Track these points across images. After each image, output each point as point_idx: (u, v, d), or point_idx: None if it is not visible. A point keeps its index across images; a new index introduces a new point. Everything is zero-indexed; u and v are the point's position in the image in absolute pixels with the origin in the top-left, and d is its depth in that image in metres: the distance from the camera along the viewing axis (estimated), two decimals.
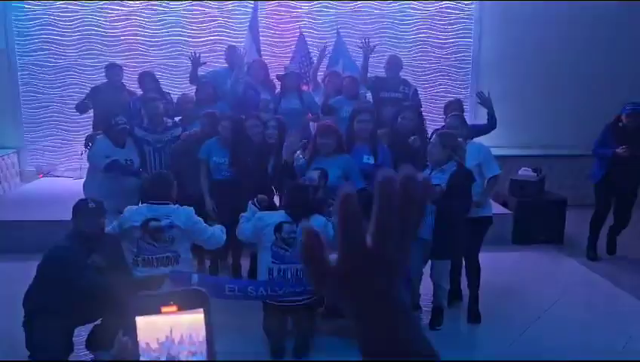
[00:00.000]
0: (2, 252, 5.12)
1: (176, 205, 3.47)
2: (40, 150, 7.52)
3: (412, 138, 4.15)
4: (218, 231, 3.53)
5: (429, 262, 3.79)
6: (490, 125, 4.64)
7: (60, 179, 7.34)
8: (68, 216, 5.26)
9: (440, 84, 7.61)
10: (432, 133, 4.04)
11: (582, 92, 7.27)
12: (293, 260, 3.41)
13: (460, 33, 7.52)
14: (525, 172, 5.87)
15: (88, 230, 3.08)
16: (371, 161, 3.97)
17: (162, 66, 7.16)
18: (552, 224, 5.66)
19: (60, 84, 7.36)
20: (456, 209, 3.50)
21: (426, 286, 3.92)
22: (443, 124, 4.76)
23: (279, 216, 3.52)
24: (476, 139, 4.24)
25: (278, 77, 5.40)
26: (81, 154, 7.16)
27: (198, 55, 5.33)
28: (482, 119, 5.05)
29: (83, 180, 6.81)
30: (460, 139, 3.76)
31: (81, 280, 2.90)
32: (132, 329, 0.69)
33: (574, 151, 6.86)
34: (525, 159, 6.42)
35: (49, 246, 3.08)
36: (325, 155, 3.91)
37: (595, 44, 7.24)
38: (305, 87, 5.58)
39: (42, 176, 7.44)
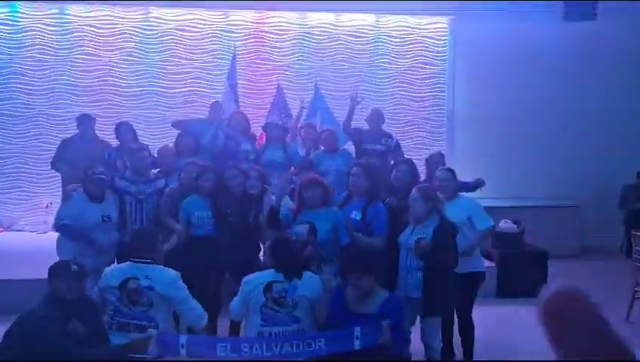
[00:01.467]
0: None
1: (161, 266, 3.23)
2: (2, 202, 7.14)
3: (387, 200, 4.07)
4: (197, 307, 3.25)
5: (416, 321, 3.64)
6: (476, 185, 4.64)
7: (23, 233, 6.95)
8: (32, 273, 5.00)
9: (416, 137, 7.69)
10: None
11: (556, 142, 7.48)
12: (285, 321, 3.21)
13: (434, 87, 7.69)
14: (506, 224, 5.89)
15: (69, 295, 2.82)
16: (358, 217, 3.84)
17: (136, 117, 6.99)
18: (535, 276, 5.62)
19: (26, 135, 7.09)
20: (445, 263, 3.40)
21: (415, 345, 3.75)
22: (424, 177, 4.74)
23: (268, 274, 3.32)
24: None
25: (263, 128, 5.33)
26: (47, 207, 6.86)
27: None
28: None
29: (47, 234, 6.61)
30: (438, 193, 3.73)
31: (61, 351, 2.62)
32: None
33: (552, 203, 6.98)
34: (503, 210, 6.47)
35: (22, 312, 2.78)
36: (312, 208, 3.79)
37: (569, 93, 7.50)
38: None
39: (3, 230, 7.03)
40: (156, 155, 4.84)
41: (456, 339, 3.97)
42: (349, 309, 3.16)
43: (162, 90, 7.24)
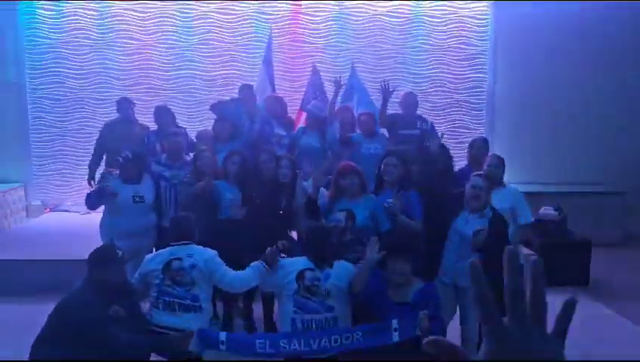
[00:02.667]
0: (7, 294, 4.92)
1: (200, 246, 3.31)
2: (47, 184, 7.41)
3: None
4: (244, 274, 3.30)
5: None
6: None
7: (67, 213, 7.19)
8: (77, 254, 5.15)
9: (454, 120, 7.51)
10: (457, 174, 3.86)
11: (603, 127, 7.17)
12: (318, 309, 3.21)
13: (475, 68, 7.46)
14: (547, 211, 5.70)
15: (112, 280, 2.89)
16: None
17: (174, 100, 7.08)
18: (577, 266, 5.46)
19: (69, 118, 7.29)
20: (501, 255, 3.31)
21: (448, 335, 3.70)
22: (466, 162, 4.62)
23: (301, 262, 3.33)
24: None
25: (305, 110, 5.29)
26: (88, 188, 7.07)
27: None
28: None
29: (90, 215, 6.80)
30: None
31: (102, 335, 2.70)
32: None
33: (597, 189, 6.70)
34: (544, 197, 6.27)
35: (64, 295, 2.87)
36: (350, 197, 3.75)
37: (616, 78, 7.18)
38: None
39: (49, 211, 7.29)
40: (194, 139, 4.89)
41: None
42: (388, 297, 3.14)
43: (199, 73, 7.29)
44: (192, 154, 4.77)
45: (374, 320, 3.12)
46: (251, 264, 3.31)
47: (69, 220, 6.89)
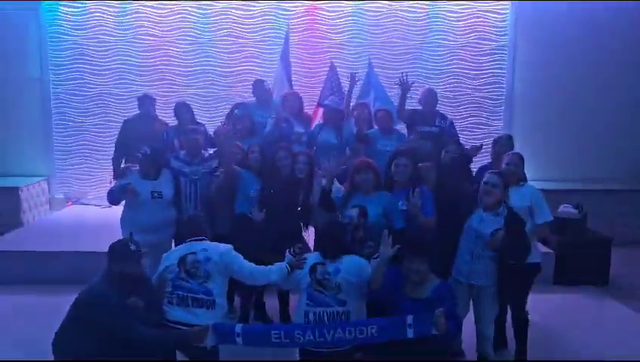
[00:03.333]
0: (30, 283, 5.06)
1: (214, 242, 3.37)
2: (70, 178, 7.55)
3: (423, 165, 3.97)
4: (264, 268, 3.34)
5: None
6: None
7: (89, 207, 7.34)
8: (97, 246, 5.26)
9: (472, 116, 7.46)
10: (479, 171, 3.85)
11: (624, 124, 7.05)
12: (329, 302, 3.23)
13: (494, 64, 7.39)
14: (566, 208, 5.64)
15: (129, 272, 2.97)
16: (405, 207, 3.76)
17: (193, 96, 7.15)
18: (596, 264, 5.39)
19: (91, 113, 7.41)
20: (518, 252, 3.31)
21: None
22: (489, 160, 4.57)
23: (314, 257, 3.37)
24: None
25: (322, 106, 5.31)
26: (110, 182, 7.19)
27: None
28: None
29: (111, 209, 6.90)
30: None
31: (122, 325, 2.77)
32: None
33: (617, 186, 6.59)
34: (564, 194, 6.20)
35: (85, 288, 2.94)
36: (364, 193, 3.77)
37: (635, 71, 7.04)
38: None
39: (71, 204, 7.44)
40: (213, 135, 4.93)
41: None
42: (404, 293, 3.15)
43: (218, 69, 7.35)
44: (210, 150, 4.84)
45: (389, 316, 3.14)
46: (275, 264, 3.36)
47: (90, 213, 7.03)
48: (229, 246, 3.38)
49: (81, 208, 7.31)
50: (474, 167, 4.53)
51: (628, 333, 4.34)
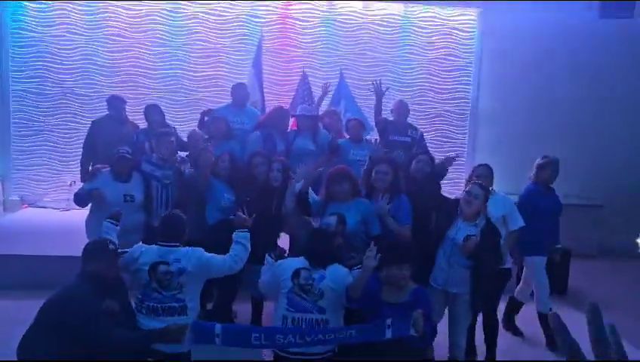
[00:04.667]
0: None
1: (187, 247, 3.27)
2: (26, 179, 7.26)
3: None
4: (231, 258, 3.30)
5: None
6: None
7: (46, 210, 7.06)
8: (54, 250, 5.09)
9: (438, 129, 7.64)
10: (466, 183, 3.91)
11: (581, 140, 7.37)
12: (310, 309, 3.23)
13: (460, 80, 7.61)
14: None
15: (104, 274, 2.86)
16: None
17: (161, 100, 7.01)
18: (556, 274, 5.59)
19: (53, 113, 7.16)
20: (492, 263, 3.41)
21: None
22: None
23: (298, 262, 3.36)
24: None
25: (294, 116, 5.32)
26: (70, 185, 6.95)
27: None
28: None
29: (70, 212, 6.71)
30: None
31: (97, 330, 2.67)
32: None
33: (577, 201, 6.87)
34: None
35: (57, 289, 2.83)
36: (341, 201, 3.79)
37: (597, 90, 7.38)
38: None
39: (27, 207, 7.14)
40: (186, 139, 4.86)
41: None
42: (381, 298, 3.18)
43: (189, 73, 7.26)
44: (183, 154, 4.77)
45: (368, 322, 3.16)
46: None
47: (47, 217, 6.77)
48: (200, 250, 3.28)
49: (38, 211, 7.04)
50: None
51: (583, 337, 4.51)
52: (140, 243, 3.33)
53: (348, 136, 5.25)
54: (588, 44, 7.23)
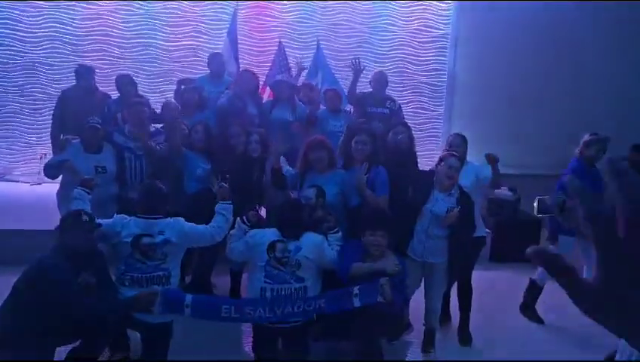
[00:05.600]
0: None
1: (168, 219, 3.25)
2: None
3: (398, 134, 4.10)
4: (212, 229, 3.32)
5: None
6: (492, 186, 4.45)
7: (16, 183, 6.89)
8: (24, 224, 4.99)
9: (415, 101, 7.65)
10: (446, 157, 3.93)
11: (557, 111, 7.46)
12: (288, 279, 3.26)
13: (436, 51, 7.60)
14: (502, 191, 5.95)
15: (80, 246, 2.82)
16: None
17: (133, 70, 6.84)
18: (528, 243, 5.71)
19: (21, 83, 6.92)
20: (467, 231, 3.48)
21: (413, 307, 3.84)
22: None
23: (271, 233, 3.37)
24: None
25: (270, 85, 5.25)
26: (41, 158, 6.77)
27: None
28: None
29: (41, 186, 6.56)
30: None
31: (71, 302, 2.65)
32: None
33: (550, 171, 7.00)
34: (501, 178, 6.50)
35: (32, 261, 2.78)
36: (319, 171, 3.79)
37: (571, 63, 7.46)
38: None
39: None
40: (159, 111, 4.77)
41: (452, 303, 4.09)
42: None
43: (160, 42, 7.07)
44: (156, 126, 4.68)
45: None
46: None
47: (18, 190, 6.61)
48: (182, 220, 3.28)
49: (8, 185, 6.85)
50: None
51: (552, 302, 4.64)
52: (121, 215, 3.29)
53: (325, 107, 5.23)
54: (566, 14, 7.25)
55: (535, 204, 1.44)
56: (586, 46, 7.43)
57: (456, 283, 3.96)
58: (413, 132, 4.59)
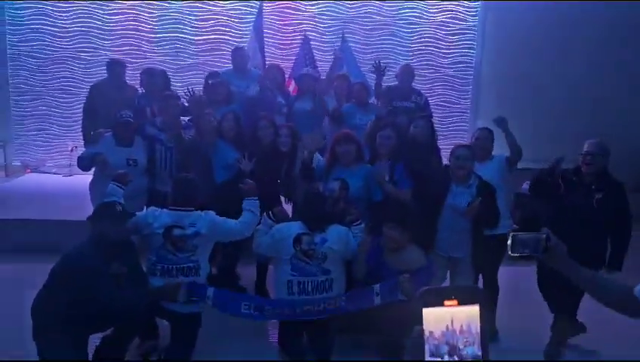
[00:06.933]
0: None
1: (199, 211, 3.31)
2: (28, 144, 7.25)
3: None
4: (241, 225, 3.37)
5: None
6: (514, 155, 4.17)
7: (48, 175, 7.08)
8: (58, 215, 5.12)
9: (441, 94, 7.58)
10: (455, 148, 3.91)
11: (586, 105, 7.31)
12: (315, 272, 3.29)
13: (463, 44, 7.51)
14: (528, 186, 5.86)
15: (113, 236, 2.91)
16: (386, 178, 3.84)
17: (161, 64, 6.93)
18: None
19: (52, 77, 7.09)
20: (491, 220, 3.46)
21: None
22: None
23: (297, 226, 3.40)
24: None
25: (295, 79, 5.27)
26: (71, 150, 6.94)
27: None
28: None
29: (72, 177, 6.73)
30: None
31: (102, 290, 2.73)
32: (419, 319, 0.85)
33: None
34: (527, 172, 6.40)
35: (67, 250, 2.87)
36: (345, 165, 3.80)
37: (601, 57, 7.29)
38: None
39: (30, 172, 7.16)
40: (187, 102, 4.83)
41: None
42: (387, 265, 3.23)
43: (187, 37, 7.15)
44: (184, 119, 4.74)
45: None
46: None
47: (50, 182, 6.80)
48: (213, 213, 3.35)
49: (41, 176, 7.06)
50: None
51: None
52: (153, 207, 3.38)
53: (353, 101, 5.20)
54: (597, 7, 7.07)
55: (509, 242, 1.29)
56: (616, 41, 7.25)
57: (481, 281, 3.92)
58: (435, 125, 4.56)
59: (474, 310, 0.86)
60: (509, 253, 1.53)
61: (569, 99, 7.36)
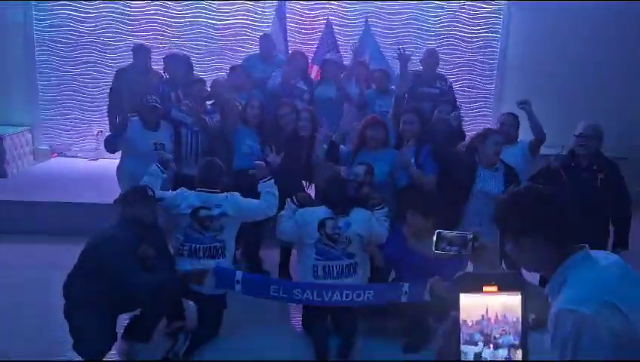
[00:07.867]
0: (13, 233, 4.94)
1: (225, 193, 3.37)
2: (55, 129, 7.37)
3: (453, 114, 4.11)
4: (265, 203, 3.45)
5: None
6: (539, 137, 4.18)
7: (75, 159, 7.21)
8: (85, 197, 5.23)
9: (465, 79, 7.48)
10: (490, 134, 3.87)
11: (611, 93, 7.15)
12: (339, 256, 3.32)
13: (488, 28, 7.38)
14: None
15: (143, 219, 2.97)
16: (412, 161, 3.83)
17: (186, 49, 6.96)
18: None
19: (78, 62, 7.17)
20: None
21: None
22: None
23: (321, 211, 3.42)
24: None
25: (319, 64, 5.25)
26: (97, 134, 7.05)
27: None
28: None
29: (97, 161, 6.85)
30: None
31: (131, 272, 2.80)
32: (456, 305, 0.80)
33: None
34: (551, 158, 6.32)
35: (96, 231, 2.94)
36: (372, 149, 3.80)
37: (627, 42, 7.11)
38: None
39: (56, 156, 7.30)
40: (209, 89, 4.86)
41: None
42: (409, 247, 3.24)
43: (211, 21, 7.15)
44: (208, 103, 4.78)
45: (397, 271, 3.25)
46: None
47: (76, 165, 6.93)
48: (237, 195, 3.41)
49: (68, 160, 7.19)
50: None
51: None
52: (181, 189, 3.45)
53: (373, 87, 5.18)
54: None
55: (434, 238, 1.27)
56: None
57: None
58: (461, 111, 4.53)
59: (513, 298, 0.82)
60: (433, 249, 1.57)
61: (595, 85, 7.19)
